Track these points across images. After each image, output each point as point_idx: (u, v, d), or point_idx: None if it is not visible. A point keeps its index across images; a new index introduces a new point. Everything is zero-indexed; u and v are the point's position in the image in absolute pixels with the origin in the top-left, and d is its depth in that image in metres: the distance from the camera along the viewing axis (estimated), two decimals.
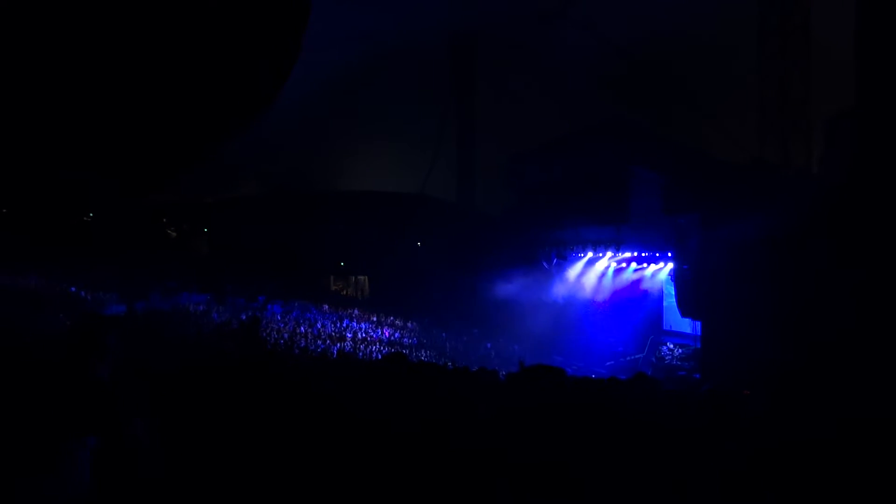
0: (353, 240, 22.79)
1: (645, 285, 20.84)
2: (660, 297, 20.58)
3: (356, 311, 21.30)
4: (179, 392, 4.31)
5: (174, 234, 23.56)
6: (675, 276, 16.68)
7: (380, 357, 14.63)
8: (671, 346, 19.77)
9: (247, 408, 4.05)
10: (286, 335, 16.94)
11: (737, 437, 4.08)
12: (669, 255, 18.08)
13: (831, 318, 10.33)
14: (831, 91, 12.76)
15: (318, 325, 19.37)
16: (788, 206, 12.64)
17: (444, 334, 20.69)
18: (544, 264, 21.79)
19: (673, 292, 17.13)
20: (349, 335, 18.80)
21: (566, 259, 21.68)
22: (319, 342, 17.05)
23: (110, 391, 3.13)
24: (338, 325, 19.75)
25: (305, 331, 18.23)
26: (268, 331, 16.77)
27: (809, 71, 14.06)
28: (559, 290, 22.24)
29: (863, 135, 9.48)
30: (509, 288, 21.28)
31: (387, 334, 19.60)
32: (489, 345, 20.72)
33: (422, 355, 18.06)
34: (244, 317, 17.63)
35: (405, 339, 19.77)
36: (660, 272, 20.06)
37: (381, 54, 21.08)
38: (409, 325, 21.18)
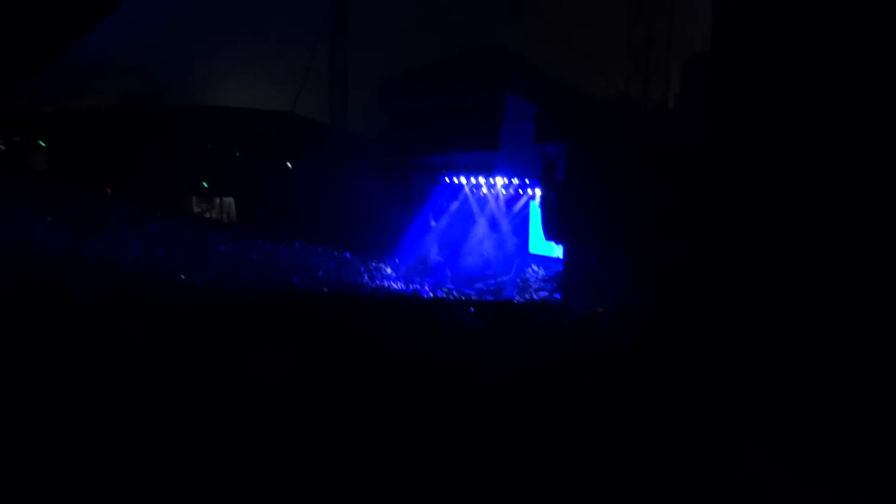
0: (217, 158, 21.42)
1: (514, 210, 21.73)
2: (527, 222, 21.59)
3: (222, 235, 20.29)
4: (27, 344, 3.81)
5: (3, 147, 20.79)
6: (542, 201, 17.55)
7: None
8: (536, 267, 20.99)
9: None
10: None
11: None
12: (538, 181, 18.89)
13: (680, 244, 11.46)
14: (691, 34, 13.72)
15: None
16: (646, 139, 13.64)
17: (315, 258, 20.43)
18: (416, 188, 22.01)
19: (540, 217, 18.05)
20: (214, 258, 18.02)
21: (438, 183, 22.00)
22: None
23: None
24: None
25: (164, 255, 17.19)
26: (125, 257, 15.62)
27: (673, 15, 15.03)
28: (431, 213, 22.64)
29: (717, 76, 10.29)
30: (381, 211, 21.27)
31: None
32: (362, 268, 20.82)
33: (294, 280, 17.81)
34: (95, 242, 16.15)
35: (276, 264, 19.30)
36: (528, 198, 20.94)
37: None
38: (279, 248, 20.63)
